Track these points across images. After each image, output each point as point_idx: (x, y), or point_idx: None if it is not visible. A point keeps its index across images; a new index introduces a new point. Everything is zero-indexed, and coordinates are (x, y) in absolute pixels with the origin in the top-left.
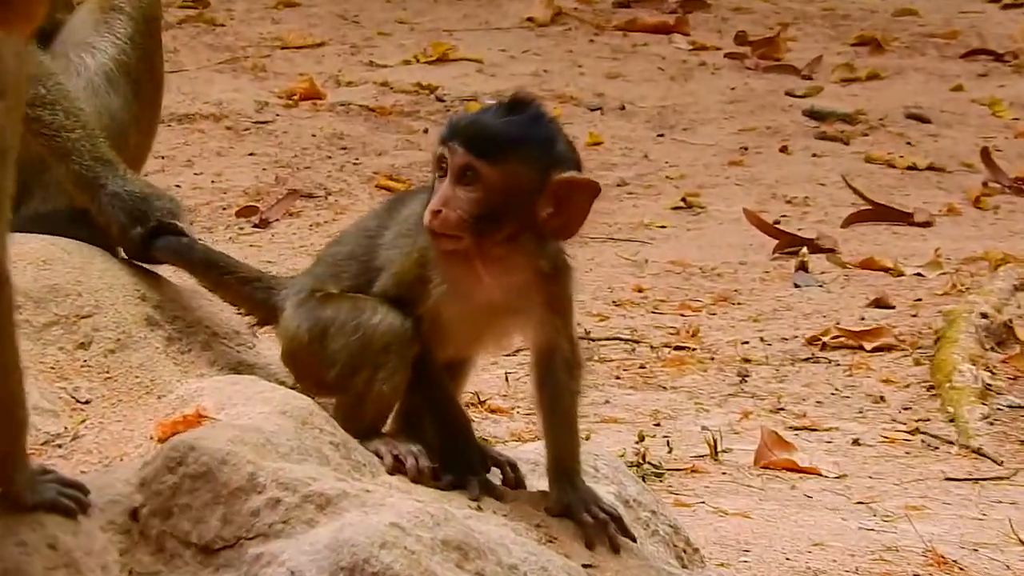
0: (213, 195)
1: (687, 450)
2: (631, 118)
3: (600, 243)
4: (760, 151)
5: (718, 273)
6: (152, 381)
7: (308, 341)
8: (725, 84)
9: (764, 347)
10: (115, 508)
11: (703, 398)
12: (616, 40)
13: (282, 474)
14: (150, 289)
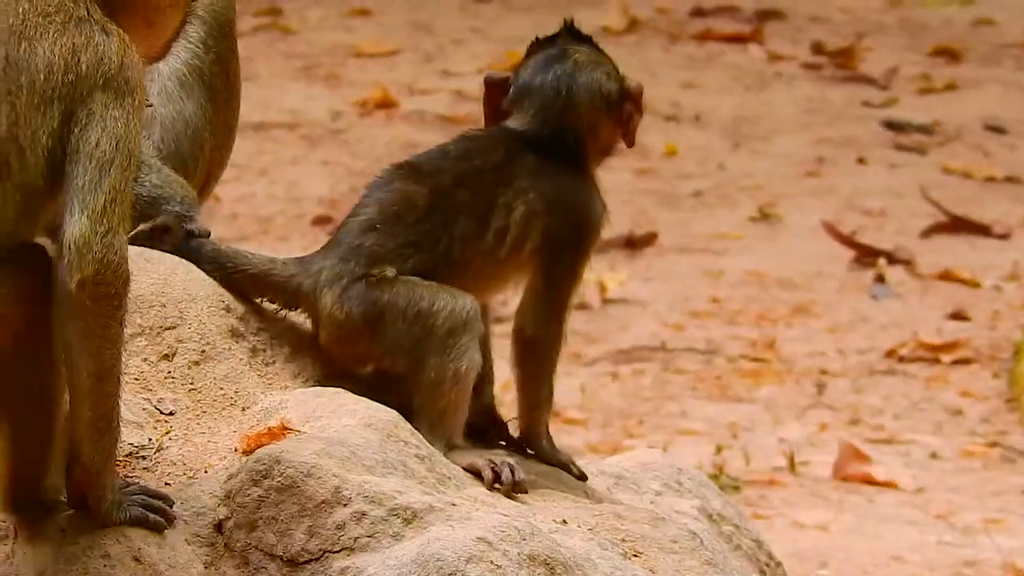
0: (287, 204)
1: (765, 462)
2: (706, 128)
3: (675, 254)
4: (836, 162)
5: (795, 284)
6: (236, 393)
7: (364, 324)
8: (801, 94)
9: (841, 359)
10: (200, 521)
11: (780, 410)
12: (691, 50)
13: (368, 487)
14: (234, 300)
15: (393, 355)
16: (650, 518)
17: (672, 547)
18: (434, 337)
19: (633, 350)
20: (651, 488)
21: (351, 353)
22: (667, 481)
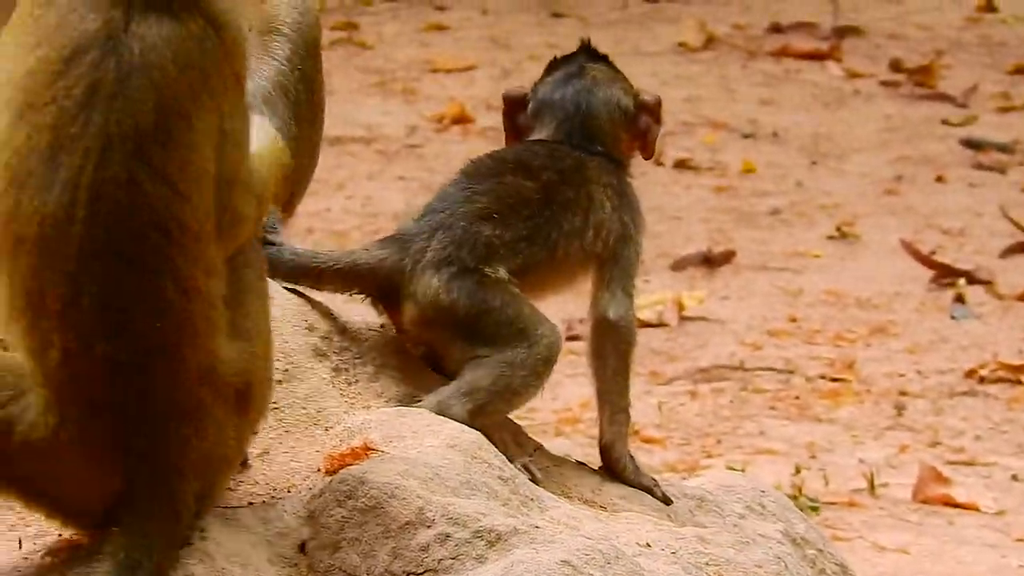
0: (363, 219)
1: (843, 483)
2: (784, 145)
3: (753, 272)
4: (915, 180)
5: (873, 304)
6: (319, 412)
7: (463, 316)
8: (879, 112)
9: (921, 380)
10: (283, 541)
11: (859, 431)
12: (769, 66)
13: (452, 509)
14: (318, 319)
15: (475, 354)
16: (734, 542)
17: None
18: (532, 359)
19: (711, 369)
20: (734, 511)
21: (430, 336)
22: (750, 504)
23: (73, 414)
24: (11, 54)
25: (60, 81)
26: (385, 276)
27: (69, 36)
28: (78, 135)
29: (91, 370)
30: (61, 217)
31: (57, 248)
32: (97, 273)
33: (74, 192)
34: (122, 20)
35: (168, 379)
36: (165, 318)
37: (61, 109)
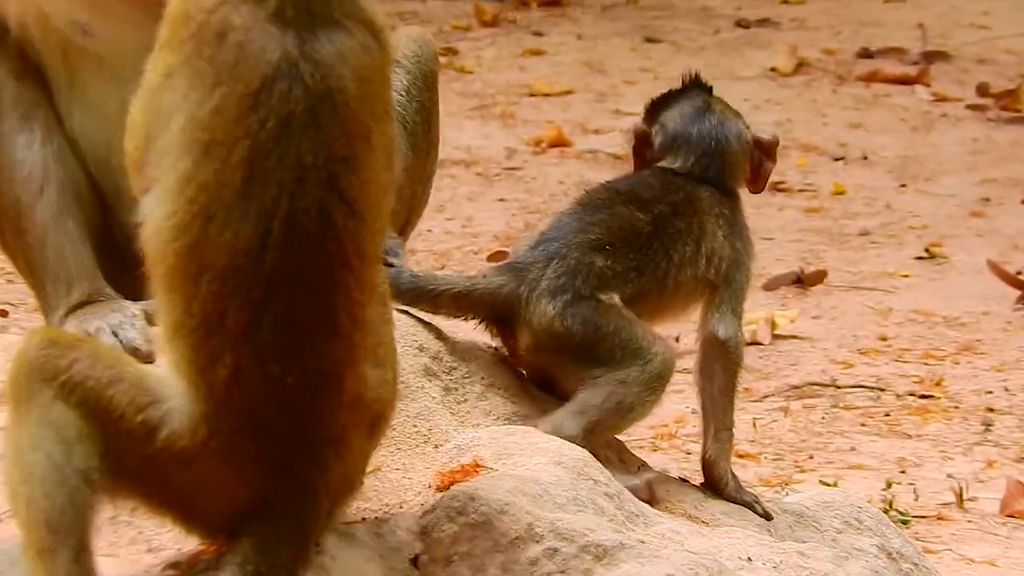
0: (464, 240)
1: (933, 498)
2: (873, 168)
3: (844, 291)
4: (1002, 202)
5: (961, 323)
6: (429, 430)
7: (578, 341)
8: (967, 135)
9: (1008, 396)
10: (396, 555)
11: (948, 446)
12: (858, 91)
13: (560, 524)
14: (428, 339)
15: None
16: (833, 556)
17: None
18: (645, 375)
19: (803, 386)
20: (832, 526)
21: (544, 361)
22: (847, 519)
23: (226, 428)
24: (184, 95)
25: (252, 116)
26: (501, 303)
27: (253, 69)
28: (273, 168)
29: (258, 388)
30: (255, 247)
31: (246, 276)
32: (282, 299)
33: (269, 223)
34: (297, 43)
35: (325, 403)
36: (335, 344)
37: (256, 143)
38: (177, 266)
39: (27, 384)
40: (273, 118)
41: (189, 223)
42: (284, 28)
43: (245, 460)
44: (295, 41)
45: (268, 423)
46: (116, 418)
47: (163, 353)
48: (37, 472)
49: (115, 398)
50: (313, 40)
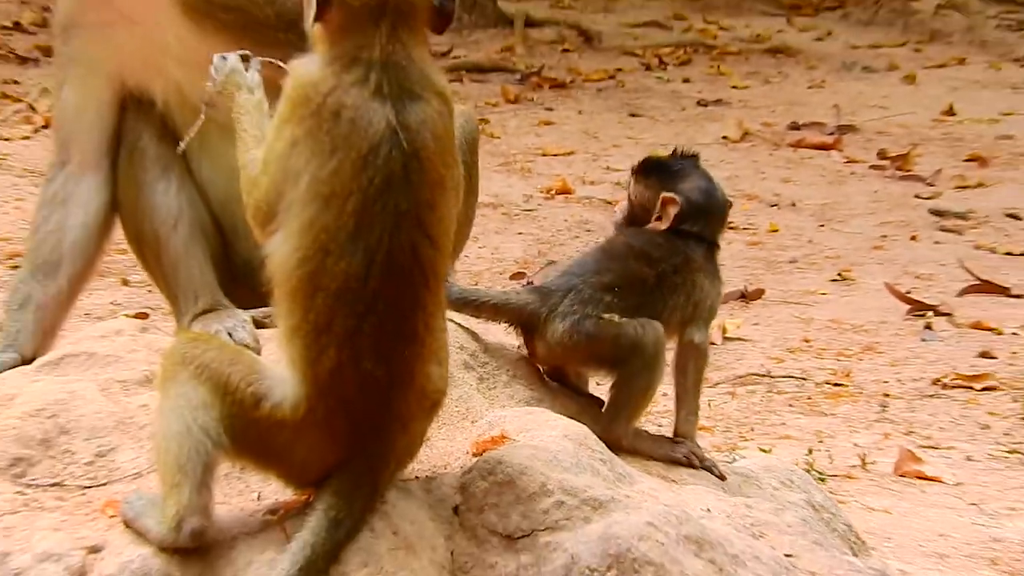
0: (492, 263)
1: (843, 461)
2: (800, 212)
3: (777, 305)
4: (896, 239)
5: (865, 329)
6: (468, 410)
7: (583, 350)
8: (869, 188)
9: (900, 385)
10: (441, 505)
11: (854, 423)
12: (788, 154)
13: (565, 482)
14: (467, 341)
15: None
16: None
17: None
18: (645, 354)
19: (746, 376)
20: (771, 485)
21: (560, 361)
22: (782, 479)
23: (323, 407)
24: (306, 158)
25: (363, 174)
26: (527, 317)
27: (362, 138)
28: (377, 214)
29: (352, 379)
30: (361, 275)
31: (353, 295)
32: (378, 313)
33: (373, 257)
34: (394, 115)
35: (400, 393)
36: (413, 347)
37: (364, 197)
38: (298, 287)
39: (171, 368)
40: (379, 176)
41: (311, 256)
42: (383, 103)
43: (334, 432)
44: (393, 113)
45: (355, 405)
46: (232, 390)
47: (280, 348)
48: (173, 430)
49: (232, 376)
50: (404, 111)
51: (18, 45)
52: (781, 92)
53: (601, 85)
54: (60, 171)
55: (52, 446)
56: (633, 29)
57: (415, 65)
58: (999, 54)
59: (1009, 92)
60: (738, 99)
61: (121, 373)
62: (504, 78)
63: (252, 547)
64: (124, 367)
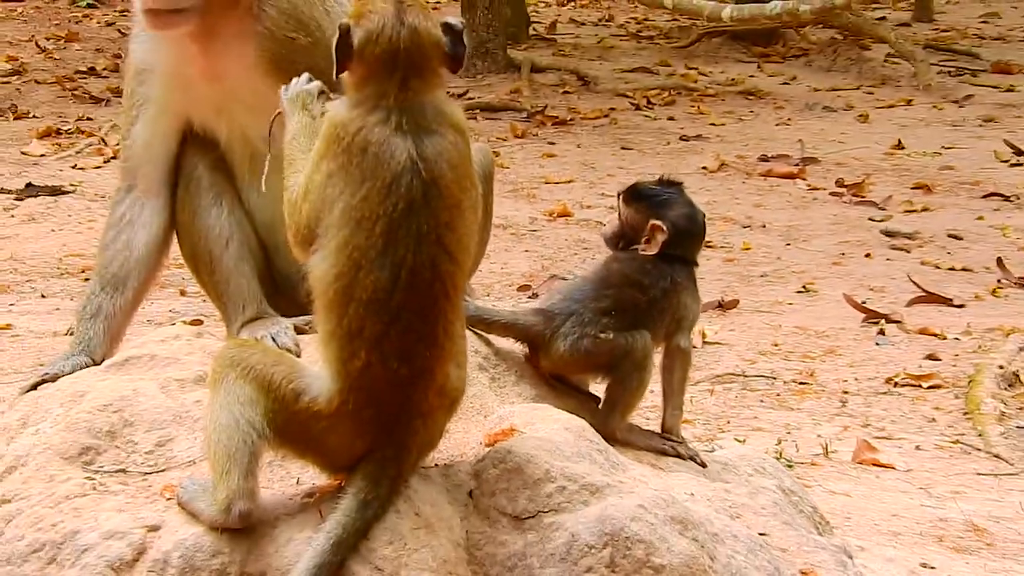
0: (501, 276)
1: (808, 450)
2: (769, 233)
3: (750, 313)
4: (853, 256)
5: (826, 335)
6: (481, 406)
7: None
8: (829, 212)
9: (857, 384)
10: (458, 490)
11: (817, 416)
12: (759, 182)
13: (567, 470)
14: (481, 346)
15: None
16: (747, 492)
17: (762, 512)
18: (635, 358)
19: (723, 375)
20: (746, 472)
21: (560, 372)
22: (756, 467)
23: (353, 401)
24: (340, 188)
25: (387, 201)
26: (532, 335)
27: (387, 169)
28: (403, 236)
29: (380, 376)
30: (388, 287)
31: (381, 304)
32: (403, 320)
33: (399, 272)
34: (414, 148)
35: (422, 390)
36: (434, 350)
37: (390, 220)
38: (334, 298)
39: (221, 369)
40: (402, 201)
41: (345, 271)
42: (404, 138)
43: (364, 423)
44: (412, 146)
45: (382, 400)
46: (275, 388)
47: (317, 350)
48: (223, 423)
49: (274, 375)
50: (422, 144)
51: (92, 87)
52: (752, 129)
53: (597, 123)
54: (127, 196)
55: (117, 437)
56: (625, 74)
57: (429, 105)
58: (940, 96)
59: (949, 129)
60: (716, 135)
61: (178, 373)
62: (513, 116)
63: (292, 526)
64: (181, 367)
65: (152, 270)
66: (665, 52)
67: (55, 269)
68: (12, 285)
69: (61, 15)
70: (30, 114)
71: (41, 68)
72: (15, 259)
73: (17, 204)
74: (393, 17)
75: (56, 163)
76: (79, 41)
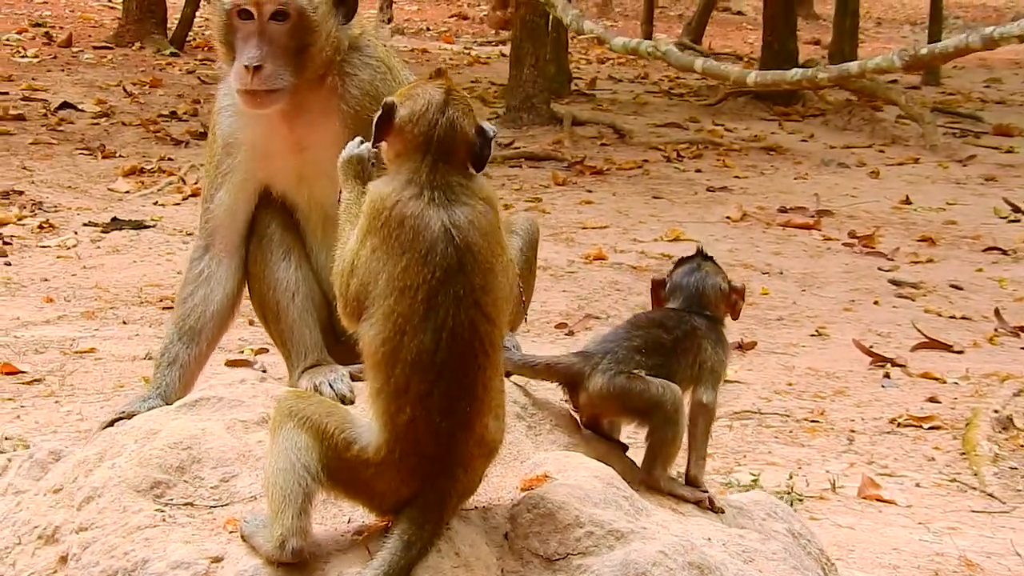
0: (541, 315)
1: (817, 485)
2: (786, 279)
3: (767, 355)
4: (862, 304)
5: (836, 376)
6: (518, 452)
7: (618, 396)
8: (842, 262)
9: (863, 423)
10: (495, 532)
11: (827, 453)
12: (778, 232)
13: (595, 516)
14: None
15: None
16: (759, 537)
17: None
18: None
19: (741, 412)
20: (759, 516)
21: (598, 410)
22: (768, 512)
23: (399, 450)
24: (383, 261)
25: (425, 269)
26: (573, 374)
27: (423, 240)
28: (442, 300)
29: (424, 429)
30: (431, 349)
31: (425, 365)
32: (445, 378)
33: (440, 335)
34: (447, 218)
35: (463, 441)
36: (474, 404)
37: (430, 287)
38: (382, 359)
39: (280, 419)
40: (439, 269)
41: (391, 336)
42: (436, 209)
43: (409, 471)
44: (445, 217)
45: (426, 450)
46: (328, 436)
47: (367, 403)
48: (280, 467)
49: (328, 425)
50: (453, 215)
51: (173, 130)
52: (773, 182)
53: (631, 173)
54: (205, 254)
55: (186, 472)
56: (657, 128)
57: (458, 181)
58: (946, 156)
59: (953, 186)
60: (739, 187)
61: (243, 414)
62: (555, 165)
63: (342, 561)
64: (245, 409)
65: (224, 323)
66: (694, 109)
67: (136, 297)
68: (97, 312)
69: (147, 62)
70: (116, 153)
71: (127, 111)
72: (100, 287)
73: (103, 236)
74: (437, 106)
75: (139, 199)
76: (162, 87)
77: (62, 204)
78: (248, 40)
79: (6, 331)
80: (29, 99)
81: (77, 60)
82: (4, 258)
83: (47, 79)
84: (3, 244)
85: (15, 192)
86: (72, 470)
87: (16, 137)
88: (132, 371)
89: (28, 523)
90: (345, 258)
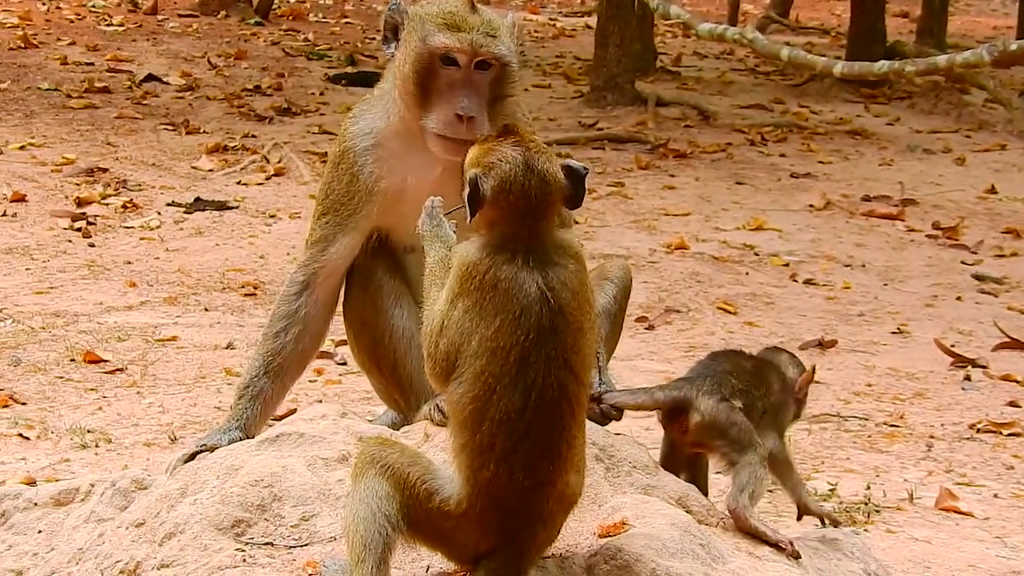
0: None
1: (895, 494)
2: (868, 272)
3: (847, 353)
4: (945, 299)
5: (916, 377)
6: (596, 495)
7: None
8: (925, 254)
9: (943, 429)
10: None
11: (905, 460)
12: (861, 222)
13: (671, 568)
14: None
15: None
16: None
17: None
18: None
19: (820, 415)
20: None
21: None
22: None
23: (480, 505)
24: (475, 322)
25: (518, 331)
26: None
27: (517, 302)
28: (533, 361)
29: (506, 486)
30: (519, 408)
31: (511, 423)
32: (531, 437)
33: (529, 394)
34: (541, 280)
35: (544, 498)
36: (557, 462)
37: (522, 348)
38: (469, 417)
39: (362, 466)
40: (532, 331)
41: (480, 395)
42: (530, 272)
43: (489, 526)
44: (540, 279)
45: (507, 506)
46: (410, 486)
47: (450, 457)
48: (361, 515)
49: (410, 475)
50: (547, 276)
51: (257, 105)
52: (857, 168)
53: (714, 157)
54: (304, 291)
55: (266, 510)
56: (742, 110)
57: (552, 241)
58: None
59: None
60: (823, 173)
61: (324, 451)
62: (637, 148)
63: None
64: (326, 446)
65: (308, 362)
66: (780, 89)
67: (218, 283)
68: (179, 297)
69: (231, 32)
70: (200, 129)
71: (212, 84)
72: (182, 272)
73: (186, 217)
74: (523, 166)
75: (222, 178)
76: (247, 59)
77: (145, 182)
78: (454, 87)
79: (90, 317)
80: (114, 71)
81: (162, 29)
82: (88, 239)
83: (132, 49)
84: (87, 225)
85: (99, 169)
86: (155, 504)
87: (101, 111)
88: (213, 361)
89: (110, 556)
90: (434, 319)
